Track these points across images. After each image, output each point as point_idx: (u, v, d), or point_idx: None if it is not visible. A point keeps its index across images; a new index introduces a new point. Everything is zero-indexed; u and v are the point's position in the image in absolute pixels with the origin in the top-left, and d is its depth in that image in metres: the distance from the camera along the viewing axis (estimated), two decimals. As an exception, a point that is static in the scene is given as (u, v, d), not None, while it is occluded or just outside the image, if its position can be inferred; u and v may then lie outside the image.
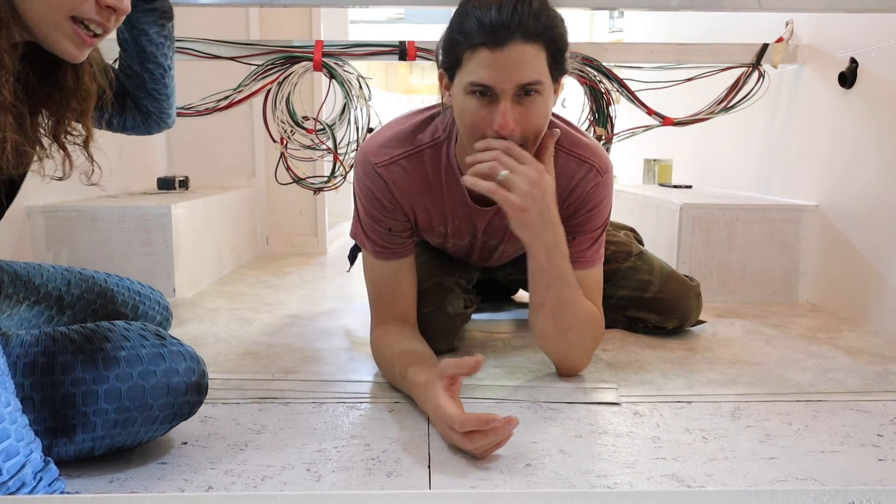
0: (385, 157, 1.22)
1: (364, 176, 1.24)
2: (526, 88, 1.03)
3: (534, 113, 1.06)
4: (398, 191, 1.24)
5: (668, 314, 1.56)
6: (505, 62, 1.00)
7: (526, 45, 1.00)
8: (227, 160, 2.81)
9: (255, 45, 1.88)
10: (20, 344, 0.86)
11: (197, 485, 0.87)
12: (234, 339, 1.54)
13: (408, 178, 1.23)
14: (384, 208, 1.24)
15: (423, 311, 1.35)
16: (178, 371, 0.90)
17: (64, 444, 0.85)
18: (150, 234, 1.93)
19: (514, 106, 1.04)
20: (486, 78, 1.02)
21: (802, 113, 2.02)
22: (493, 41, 1.00)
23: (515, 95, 1.03)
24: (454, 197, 1.26)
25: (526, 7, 1.00)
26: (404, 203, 1.25)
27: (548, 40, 1.02)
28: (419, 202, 1.26)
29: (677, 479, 0.89)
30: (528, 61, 1.01)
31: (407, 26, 7.19)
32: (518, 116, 1.04)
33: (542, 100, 1.06)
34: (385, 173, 1.22)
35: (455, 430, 0.93)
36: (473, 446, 0.92)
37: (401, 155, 1.22)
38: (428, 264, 1.43)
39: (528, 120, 1.05)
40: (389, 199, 1.24)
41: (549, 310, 1.16)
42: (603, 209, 1.26)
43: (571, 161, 1.23)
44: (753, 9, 1.62)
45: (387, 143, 1.23)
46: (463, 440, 0.92)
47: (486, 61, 1.01)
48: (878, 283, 1.68)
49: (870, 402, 1.17)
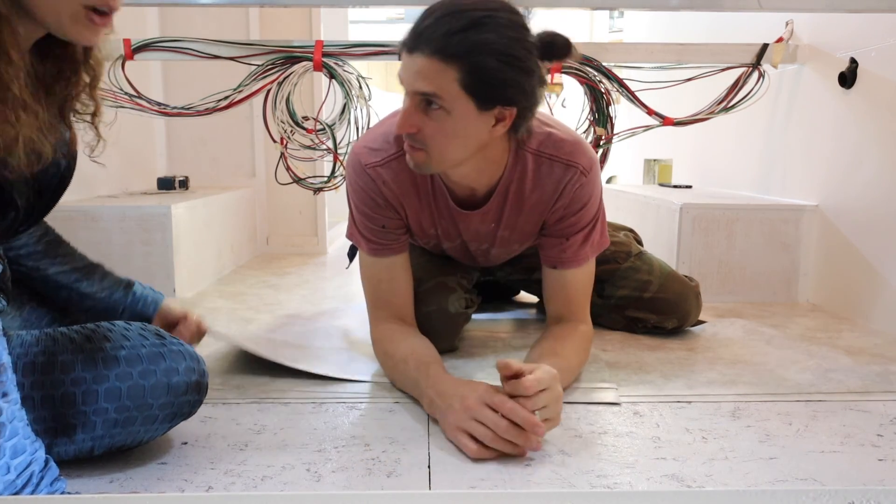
0: (375, 158, 1.23)
1: (356, 176, 1.25)
2: (427, 98, 1.06)
3: (435, 126, 1.07)
4: (388, 191, 1.24)
5: (668, 314, 1.56)
6: (409, 66, 1.06)
7: (430, 58, 1.03)
8: (227, 160, 2.81)
9: (255, 45, 1.88)
10: (20, 343, 0.86)
11: (197, 485, 0.87)
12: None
13: (397, 178, 1.24)
14: (377, 206, 1.25)
15: (425, 310, 1.35)
16: (178, 370, 0.90)
17: (64, 443, 0.85)
18: (150, 234, 1.93)
19: (416, 111, 1.07)
20: (400, 74, 1.09)
21: (802, 113, 2.02)
22: (407, 46, 1.07)
23: (420, 102, 1.07)
24: (439, 198, 1.27)
25: (444, 25, 1.02)
26: (395, 202, 1.26)
27: (462, 63, 1.03)
28: (409, 202, 1.27)
29: (677, 479, 0.89)
30: (426, 73, 1.04)
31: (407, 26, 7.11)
32: (419, 122, 1.08)
33: (446, 116, 1.06)
34: (375, 174, 1.23)
35: (499, 409, 0.92)
36: (507, 432, 0.91)
37: (390, 156, 1.22)
38: (429, 264, 1.44)
39: (427, 129, 1.08)
40: (381, 198, 1.25)
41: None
42: (591, 206, 1.26)
43: (556, 167, 1.22)
44: (753, 9, 1.62)
45: (377, 144, 1.24)
46: (500, 420, 0.91)
47: (402, 62, 1.08)
48: (878, 283, 1.68)
49: (870, 402, 1.17)
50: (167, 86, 2.67)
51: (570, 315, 1.29)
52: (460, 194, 1.26)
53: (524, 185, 1.23)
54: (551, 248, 1.29)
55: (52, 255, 1.10)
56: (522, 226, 1.30)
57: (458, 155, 1.12)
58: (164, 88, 2.66)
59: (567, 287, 1.29)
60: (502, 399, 0.94)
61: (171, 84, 2.67)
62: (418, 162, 1.13)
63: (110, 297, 1.13)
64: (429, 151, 1.10)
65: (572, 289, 1.29)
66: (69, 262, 1.12)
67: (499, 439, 0.92)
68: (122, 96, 1.84)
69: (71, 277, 1.10)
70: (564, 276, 1.28)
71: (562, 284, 1.29)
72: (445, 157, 1.12)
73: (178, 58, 1.87)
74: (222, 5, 2.58)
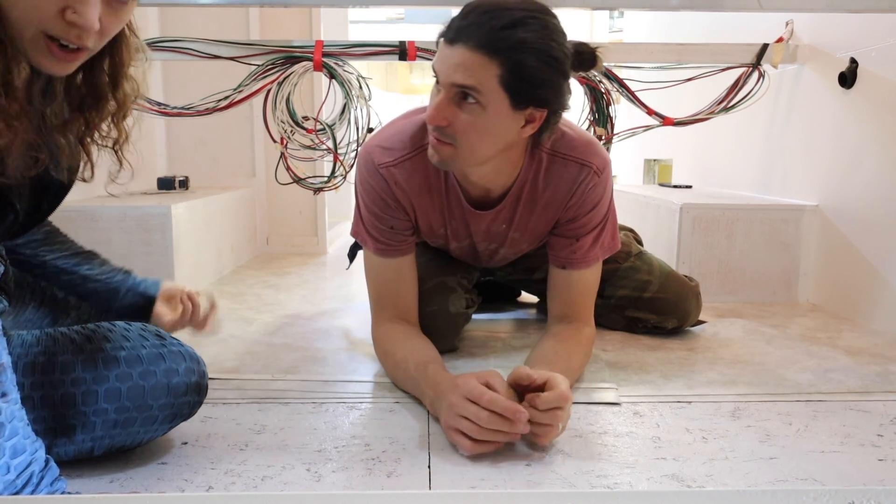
0: (389, 157, 1.23)
1: (368, 175, 1.24)
2: (464, 91, 1.05)
3: (468, 120, 1.07)
4: (400, 191, 1.24)
5: (668, 314, 1.56)
6: (449, 58, 1.06)
7: (473, 52, 1.03)
8: (227, 160, 2.81)
9: (255, 45, 1.88)
10: (21, 343, 0.86)
11: (197, 485, 0.87)
12: (234, 339, 1.54)
13: (410, 179, 1.23)
14: (388, 206, 1.25)
15: (426, 310, 1.35)
16: (177, 371, 0.90)
17: (63, 443, 0.85)
18: (150, 234, 1.93)
19: (450, 104, 1.07)
20: (436, 66, 1.08)
21: (802, 113, 2.02)
22: (449, 38, 1.06)
23: (455, 95, 1.07)
24: (452, 198, 1.26)
25: (490, 21, 1.03)
26: (406, 203, 1.26)
27: (505, 59, 1.03)
28: (420, 203, 1.26)
29: (677, 479, 0.89)
30: (468, 66, 1.04)
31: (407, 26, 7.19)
32: (451, 116, 1.07)
33: (480, 111, 1.06)
34: (388, 174, 1.23)
35: (477, 402, 0.92)
36: (488, 423, 0.91)
37: (404, 156, 1.22)
38: (430, 264, 1.44)
39: (458, 123, 1.08)
40: (392, 199, 1.24)
41: None
42: (602, 206, 1.27)
43: (570, 166, 1.23)
44: (753, 9, 1.62)
45: (390, 143, 1.24)
46: (480, 412, 0.91)
47: (441, 53, 1.08)
48: (878, 283, 1.68)
49: (870, 402, 1.17)
50: (167, 86, 2.67)
51: (573, 315, 1.29)
52: (474, 195, 1.26)
53: (537, 185, 1.24)
54: (561, 248, 1.29)
55: (51, 243, 1.11)
56: (534, 226, 1.30)
57: (485, 152, 1.13)
58: (164, 88, 2.65)
59: (573, 287, 1.29)
60: (480, 392, 0.93)
61: (171, 84, 2.67)
62: (444, 156, 1.12)
63: (112, 279, 1.13)
64: (457, 146, 1.10)
65: (578, 289, 1.29)
66: (67, 248, 1.12)
67: (484, 430, 0.92)
68: (122, 96, 1.84)
69: (70, 262, 1.11)
70: (572, 276, 1.29)
71: (568, 284, 1.29)
72: (474, 153, 1.12)
73: (178, 58, 1.87)
74: (222, 5, 2.58)
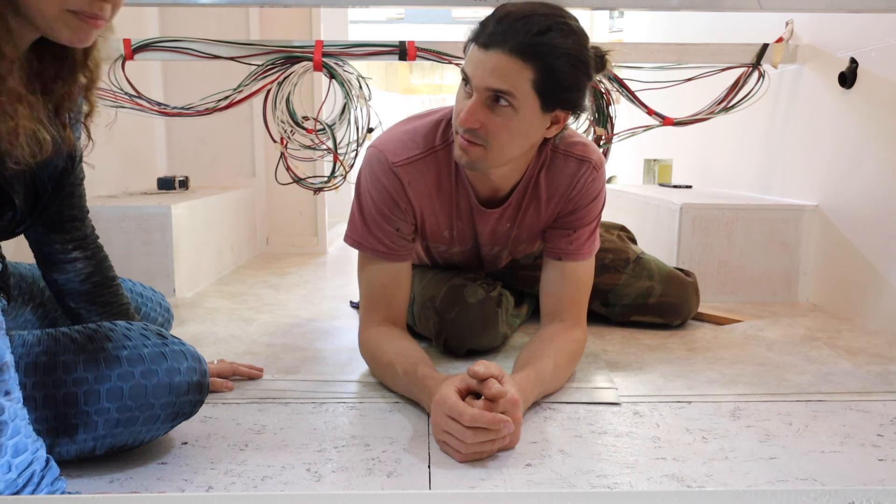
0: (403, 156, 1.22)
1: (381, 173, 1.23)
2: (497, 95, 1.06)
3: (500, 123, 1.08)
4: (412, 192, 1.24)
5: (673, 315, 1.62)
6: (484, 62, 1.06)
7: (509, 56, 1.04)
8: (227, 160, 2.81)
9: (255, 45, 1.88)
10: (22, 343, 0.86)
11: (197, 485, 0.87)
12: (234, 339, 1.54)
13: (422, 178, 1.23)
14: (397, 207, 1.24)
15: (448, 317, 1.36)
16: (179, 370, 0.90)
17: (66, 443, 0.85)
18: (150, 234, 1.93)
19: (482, 107, 1.08)
20: (469, 70, 1.09)
21: (802, 113, 2.02)
22: (484, 42, 1.06)
23: (488, 98, 1.07)
24: (461, 198, 1.27)
25: (524, 26, 1.03)
26: (416, 203, 1.25)
27: (539, 64, 1.04)
28: (429, 204, 1.27)
29: (677, 479, 0.89)
30: (503, 71, 1.05)
31: (407, 26, 7.19)
32: (483, 118, 1.08)
33: (512, 114, 1.07)
34: (402, 172, 1.22)
35: (459, 421, 0.92)
36: (474, 440, 0.91)
37: (418, 155, 1.23)
38: (434, 278, 1.45)
39: (490, 126, 1.08)
40: (403, 198, 1.23)
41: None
42: (599, 201, 1.31)
43: (571, 161, 1.26)
44: (753, 9, 1.62)
45: (403, 141, 1.24)
46: (465, 431, 0.91)
47: (474, 57, 1.08)
48: (878, 283, 1.68)
49: (870, 402, 1.17)
50: (167, 86, 2.67)
51: (565, 313, 1.28)
52: (484, 194, 1.27)
53: (541, 180, 1.26)
54: (558, 238, 1.30)
55: (94, 302, 1.08)
56: (535, 222, 1.31)
57: (515, 153, 1.15)
58: (164, 88, 2.66)
59: (567, 280, 1.29)
60: (460, 411, 0.93)
61: (171, 84, 2.67)
62: (473, 157, 1.12)
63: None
64: (488, 148, 1.11)
65: (572, 282, 1.29)
66: (108, 310, 1.09)
67: (471, 445, 0.92)
68: (122, 96, 1.84)
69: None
70: (566, 268, 1.29)
71: (563, 276, 1.29)
72: (504, 154, 1.13)
73: (178, 58, 1.87)
74: (222, 5, 2.57)
